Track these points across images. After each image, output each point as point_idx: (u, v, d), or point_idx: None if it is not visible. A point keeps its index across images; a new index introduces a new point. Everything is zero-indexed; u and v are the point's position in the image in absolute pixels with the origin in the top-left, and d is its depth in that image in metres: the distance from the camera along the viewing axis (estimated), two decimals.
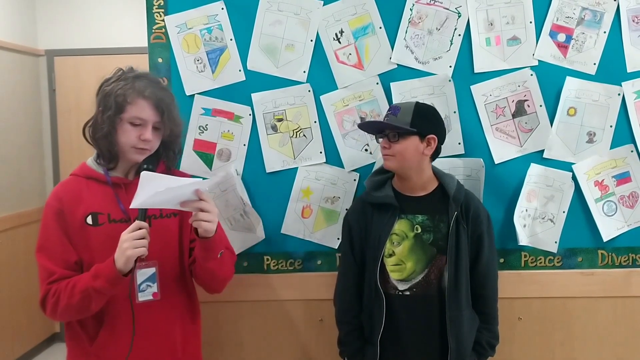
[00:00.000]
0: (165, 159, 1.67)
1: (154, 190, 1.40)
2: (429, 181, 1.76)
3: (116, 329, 1.55)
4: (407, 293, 1.72)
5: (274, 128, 1.99)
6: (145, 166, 1.56)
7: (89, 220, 1.55)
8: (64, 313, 1.50)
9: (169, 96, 1.62)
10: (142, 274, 1.55)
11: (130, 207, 1.45)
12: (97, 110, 1.57)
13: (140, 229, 1.45)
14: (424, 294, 1.71)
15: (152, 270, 1.58)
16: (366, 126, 1.78)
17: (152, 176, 1.43)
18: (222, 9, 1.96)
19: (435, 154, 1.74)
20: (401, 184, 1.77)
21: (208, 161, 2.00)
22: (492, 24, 1.95)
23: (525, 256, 2.00)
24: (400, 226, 1.73)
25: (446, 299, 1.69)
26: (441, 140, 1.73)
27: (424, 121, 1.68)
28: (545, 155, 1.97)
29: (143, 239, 1.45)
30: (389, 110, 1.74)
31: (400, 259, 1.72)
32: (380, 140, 1.74)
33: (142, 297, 1.55)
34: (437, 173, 1.78)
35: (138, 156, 1.57)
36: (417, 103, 1.72)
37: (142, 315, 1.56)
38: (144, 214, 1.49)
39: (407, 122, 1.66)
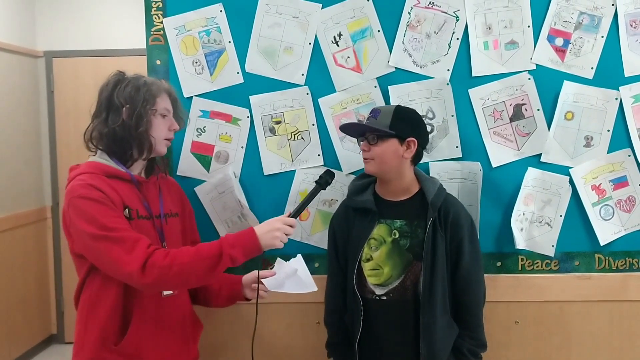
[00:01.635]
0: (159, 164, 1.73)
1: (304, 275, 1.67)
2: (410, 185, 1.74)
3: (144, 325, 1.58)
4: (384, 298, 1.71)
5: (272, 130, 1.99)
6: (324, 178, 1.73)
7: (126, 213, 1.55)
8: (178, 276, 1.46)
9: None
10: None
11: (270, 289, 1.67)
12: (117, 111, 1.56)
13: (291, 226, 1.58)
14: (400, 299, 1.70)
15: None
16: (347, 129, 1.77)
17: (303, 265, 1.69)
18: (221, 11, 1.96)
19: (417, 158, 1.73)
20: (382, 188, 1.76)
21: (206, 163, 1.99)
22: (490, 28, 1.95)
23: (522, 260, 2.00)
24: (378, 231, 1.72)
25: (420, 305, 1.67)
26: (422, 143, 1.72)
27: (403, 124, 1.67)
28: (542, 159, 1.97)
29: (287, 236, 1.57)
30: (370, 113, 1.74)
31: (378, 264, 1.72)
32: (361, 143, 1.73)
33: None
34: (419, 177, 1.76)
35: (165, 149, 1.67)
36: (398, 106, 1.71)
37: (164, 307, 1.61)
38: (299, 213, 1.65)
39: (386, 124, 1.66)
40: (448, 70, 1.96)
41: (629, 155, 1.97)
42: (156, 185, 1.69)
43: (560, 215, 1.97)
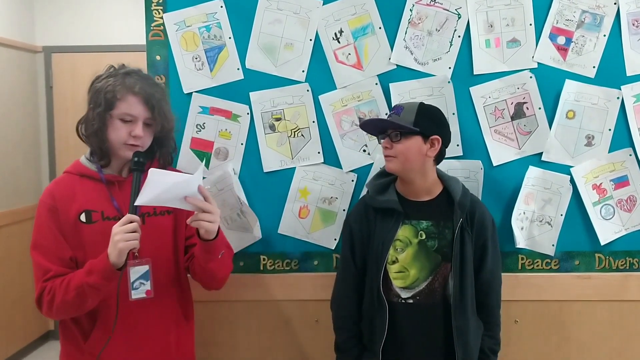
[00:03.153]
0: (159, 157, 1.67)
1: (161, 187, 1.41)
2: (433, 185, 1.71)
3: (110, 327, 1.54)
4: (411, 301, 1.67)
5: (272, 127, 1.98)
6: (136, 159, 1.54)
7: (83, 217, 1.54)
8: (60, 310, 1.49)
9: (160, 91, 1.61)
10: (136, 272, 1.53)
11: (136, 203, 1.44)
12: (88, 107, 1.57)
13: (131, 222, 1.44)
14: (428, 302, 1.66)
15: (145, 267, 1.56)
16: (368, 125, 1.72)
17: (160, 173, 1.44)
18: (221, 7, 1.95)
19: (440, 157, 1.69)
20: (404, 188, 1.72)
21: (205, 160, 1.98)
22: (492, 26, 1.95)
23: (522, 259, 2.00)
24: (404, 232, 1.67)
25: (452, 308, 1.64)
26: (445, 142, 1.67)
27: (428, 121, 1.63)
28: (543, 158, 1.96)
29: (134, 232, 1.44)
30: (392, 110, 1.70)
31: (404, 266, 1.67)
32: (382, 140, 1.68)
33: (135, 295, 1.53)
34: (442, 177, 1.73)
35: (129, 153, 1.56)
36: (422, 103, 1.67)
37: (135, 313, 1.55)
38: (135, 208, 1.47)
39: (410, 121, 1.61)
40: (449, 68, 1.95)
41: (630, 155, 1.96)
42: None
43: (561, 215, 1.97)
